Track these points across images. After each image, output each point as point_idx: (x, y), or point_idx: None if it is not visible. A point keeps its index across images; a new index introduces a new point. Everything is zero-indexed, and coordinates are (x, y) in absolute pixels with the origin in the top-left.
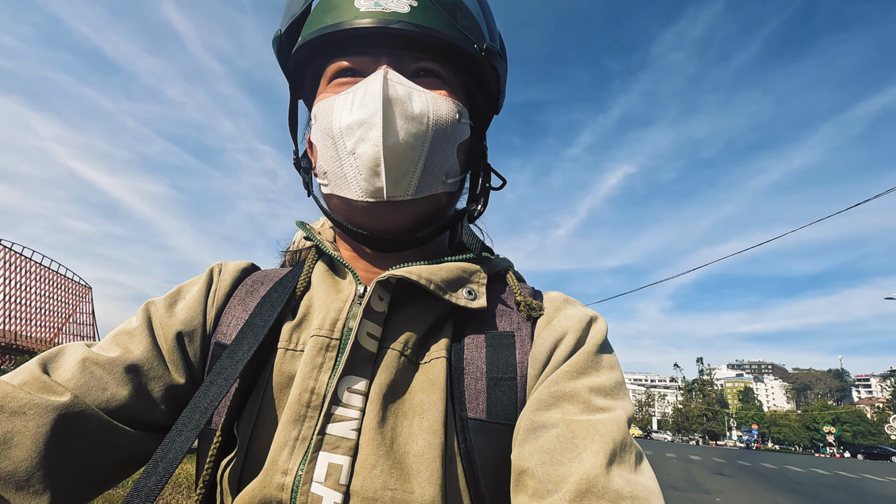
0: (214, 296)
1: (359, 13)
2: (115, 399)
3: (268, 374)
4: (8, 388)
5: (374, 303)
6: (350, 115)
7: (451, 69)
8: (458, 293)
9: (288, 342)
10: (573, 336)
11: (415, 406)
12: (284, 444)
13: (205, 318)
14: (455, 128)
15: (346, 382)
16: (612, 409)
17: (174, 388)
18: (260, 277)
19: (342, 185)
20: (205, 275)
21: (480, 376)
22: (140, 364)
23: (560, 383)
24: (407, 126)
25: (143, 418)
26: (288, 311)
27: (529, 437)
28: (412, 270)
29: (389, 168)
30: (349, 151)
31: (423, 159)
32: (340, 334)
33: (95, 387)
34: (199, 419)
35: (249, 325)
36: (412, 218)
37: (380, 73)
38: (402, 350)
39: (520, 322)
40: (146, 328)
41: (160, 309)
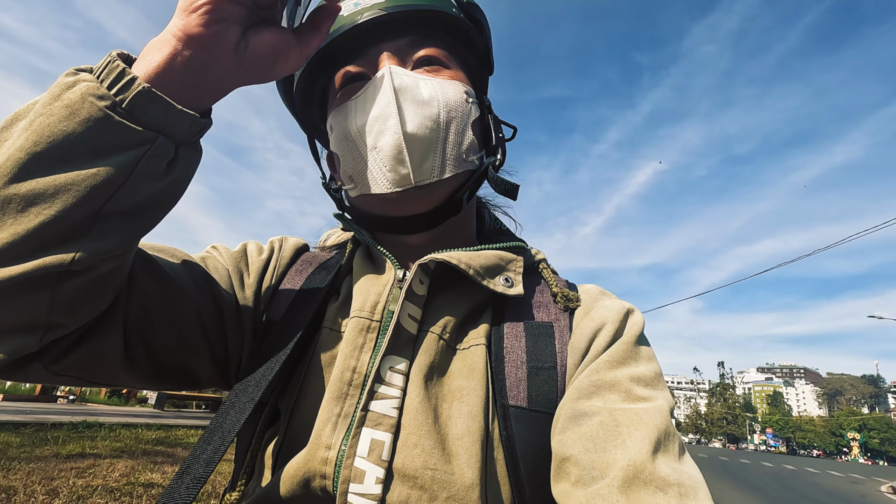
0: (274, 271)
1: (342, 19)
2: (223, 275)
3: (311, 352)
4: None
5: (415, 286)
6: (365, 114)
7: (444, 43)
8: (495, 280)
9: (333, 322)
10: (612, 327)
11: (454, 390)
12: (328, 421)
13: (259, 288)
14: (465, 107)
15: (388, 362)
16: (654, 399)
17: (199, 309)
18: (309, 258)
19: (369, 183)
20: (267, 246)
21: (521, 365)
22: (212, 280)
23: (601, 372)
24: (421, 111)
25: (179, 325)
26: (333, 293)
27: (571, 425)
28: (452, 255)
29: (412, 153)
30: (371, 147)
31: (442, 140)
32: (381, 316)
33: (213, 266)
34: (252, 392)
35: (300, 304)
36: (443, 197)
37: (384, 69)
38: (441, 334)
39: (557, 313)
40: (240, 256)
41: (253, 252)
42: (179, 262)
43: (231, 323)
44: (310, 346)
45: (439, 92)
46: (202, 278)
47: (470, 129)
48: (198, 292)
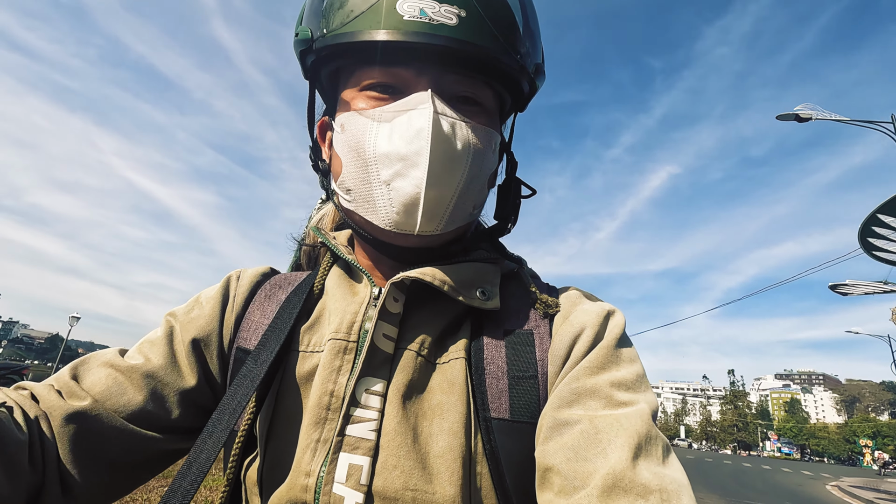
0: (233, 302)
1: (402, 22)
2: (132, 404)
3: (282, 375)
4: (42, 390)
5: (388, 304)
6: (389, 145)
7: (490, 85)
8: (471, 294)
9: (301, 344)
10: (591, 331)
11: (434, 406)
12: (307, 447)
13: (221, 325)
14: (489, 159)
15: (363, 384)
16: (635, 403)
17: (187, 392)
18: (278, 281)
19: (368, 210)
20: (222, 283)
21: (501, 376)
22: (156, 371)
23: (581, 379)
24: (449, 167)
25: (159, 422)
26: (304, 315)
27: (553, 435)
28: (426, 272)
29: (426, 210)
30: (383, 181)
31: (457, 198)
32: (357, 336)
33: (116, 392)
34: (227, 421)
35: (272, 329)
36: (438, 244)
37: (427, 105)
38: (419, 350)
39: (537, 320)
40: (166, 337)
41: (179, 318)
42: (143, 398)
43: (209, 383)
44: (280, 370)
45: (471, 142)
46: (170, 387)
47: (486, 184)
48: (175, 400)
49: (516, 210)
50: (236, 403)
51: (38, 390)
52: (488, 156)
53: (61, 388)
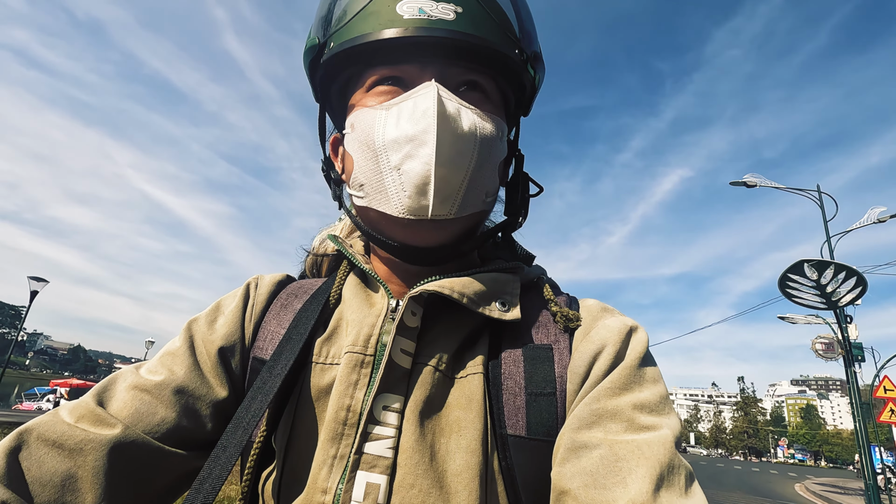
0: (252, 310)
1: (402, 21)
2: (165, 423)
3: (300, 387)
4: (65, 426)
5: (406, 318)
6: (397, 129)
7: (493, 78)
8: (491, 305)
9: (319, 356)
10: (612, 349)
11: (451, 423)
12: (324, 463)
13: (243, 333)
14: (497, 147)
15: (381, 400)
16: (658, 428)
17: (220, 403)
18: (294, 290)
19: (381, 200)
20: (242, 289)
21: (519, 391)
22: (185, 385)
23: (601, 400)
24: (457, 145)
25: (193, 437)
26: (320, 325)
27: (571, 457)
28: (444, 284)
29: (438, 187)
30: (393, 167)
31: (468, 179)
32: (374, 350)
33: (146, 413)
34: (241, 436)
35: (287, 339)
36: (453, 235)
37: (431, 87)
38: (437, 365)
39: (557, 334)
40: (188, 348)
41: (202, 327)
42: (173, 419)
43: (231, 390)
44: (298, 380)
45: (478, 127)
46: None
47: (496, 169)
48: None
49: (526, 204)
50: (251, 416)
51: (62, 428)
52: (496, 143)
53: (88, 416)
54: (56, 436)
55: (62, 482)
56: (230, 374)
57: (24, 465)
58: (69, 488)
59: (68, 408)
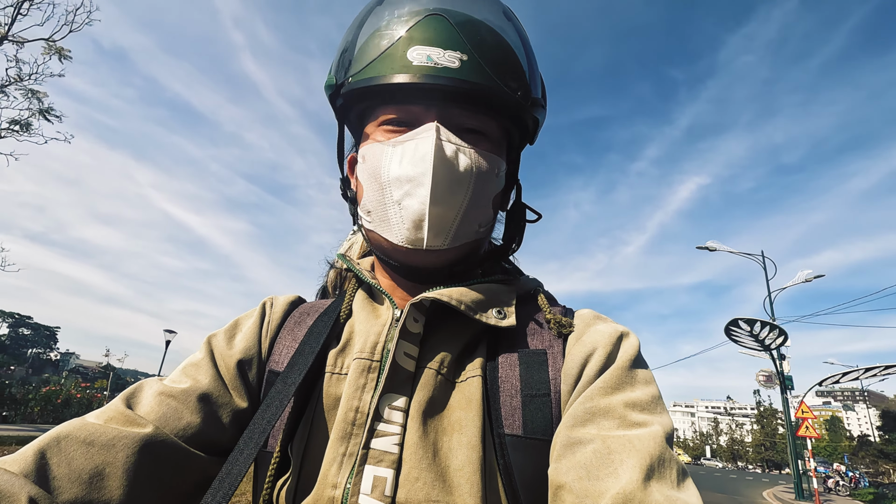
0: (268, 327)
1: (412, 67)
2: (191, 426)
3: (316, 397)
4: (96, 425)
5: (409, 324)
6: (399, 168)
7: (493, 118)
8: (488, 313)
9: (333, 366)
10: (603, 351)
11: (453, 422)
12: (333, 460)
13: (260, 347)
14: (493, 182)
15: (386, 400)
16: (649, 424)
17: (239, 412)
18: (306, 309)
19: (385, 228)
20: (258, 308)
21: (515, 393)
22: (209, 392)
23: (594, 399)
24: (451, 187)
25: (214, 442)
26: (333, 338)
27: (566, 453)
28: (444, 293)
29: (432, 224)
30: (395, 201)
31: (461, 215)
32: (380, 356)
33: (172, 416)
34: (256, 440)
35: (299, 352)
36: (447, 260)
37: (431, 132)
38: (439, 369)
39: (551, 340)
40: (210, 360)
41: (221, 341)
42: (196, 426)
43: (247, 399)
44: (314, 391)
45: (474, 165)
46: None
47: (490, 202)
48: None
49: (521, 232)
50: (265, 423)
51: (91, 427)
52: (492, 179)
53: (118, 417)
54: (86, 433)
55: (90, 478)
56: (248, 386)
57: (53, 461)
58: (96, 485)
59: (96, 413)
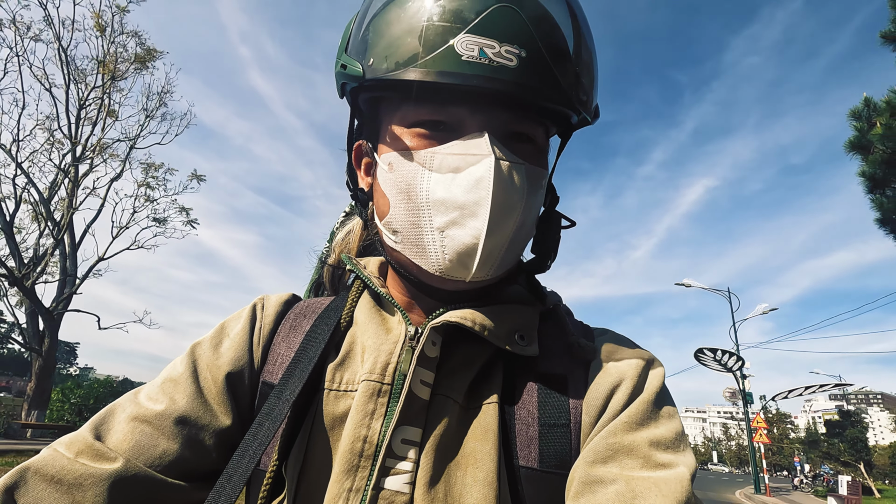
0: (260, 333)
1: (461, 63)
2: (167, 455)
3: (313, 414)
4: (64, 460)
5: (427, 349)
6: (446, 192)
7: (542, 125)
8: (511, 339)
9: (332, 381)
10: (630, 382)
11: (468, 455)
12: (338, 496)
13: (251, 356)
14: (539, 198)
15: (399, 433)
16: (675, 465)
17: (225, 431)
18: (302, 310)
19: (418, 254)
20: (247, 310)
21: (532, 422)
22: (187, 414)
23: (618, 435)
24: (505, 216)
25: (197, 468)
26: (331, 348)
27: (585, 491)
28: (466, 315)
29: (482, 259)
30: (436, 227)
31: (509, 243)
32: (392, 378)
33: (147, 445)
34: (247, 465)
35: (295, 362)
36: (482, 285)
37: (488, 153)
38: (455, 397)
39: (572, 365)
40: (191, 374)
41: (206, 351)
42: (176, 451)
43: (238, 415)
44: (310, 408)
45: (526, 187)
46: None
47: (535, 223)
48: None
49: (556, 245)
50: (258, 444)
51: (60, 464)
52: (539, 194)
53: (87, 451)
54: (55, 471)
55: None
56: (237, 400)
57: (21, 502)
58: None
59: (65, 442)
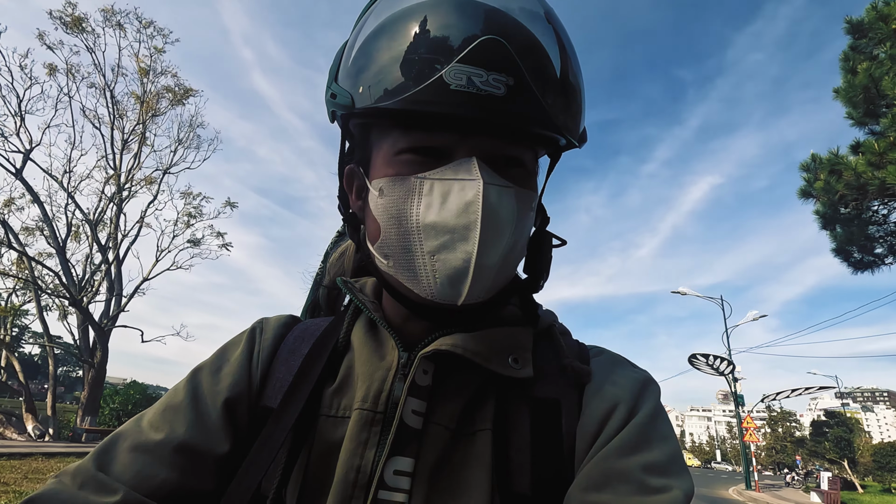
0: (258, 357)
1: (449, 92)
2: (167, 484)
3: (310, 441)
4: (69, 493)
5: (418, 377)
6: (436, 215)
7: (531, 149)
8: (503, 362)
9: (329, 408)
10: (624, 407)
11: (461, 483)
12: None
13: (250, 381)
14: (530, 220)
15: (392, 464)
16: (669, 489)
17: (224, 457)
18: (301, 333)
19: (408, 278)
20: (246, 334)
21: (525, 448)
22: (186, 442)
23: (610, 460)
24: (494, 238)
25: (196, 495)
26: (328, 373)
27: None
28: (457, 342)
29: (474, 283)
30: (427, 252)
31: (500, 265)
32: (384, 407)
33: (147, 476)
34: (245, 491)
35: (293, 388)
36: (474, 308)
37: (476, 177)
38: (448, 425)
39: (566, 388)
40: (191, 401)
41: (206, 376)
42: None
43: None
44: (308, 433)
45: (515, 209)
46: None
47: (525, 245)
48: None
49: (548, 265)
50: (255, 470)
51: (65, 497)
52: (529, 216)
53: (90, 483)
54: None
55: None
56: (236, 425)
57: None
58: None
59: (71, 473)
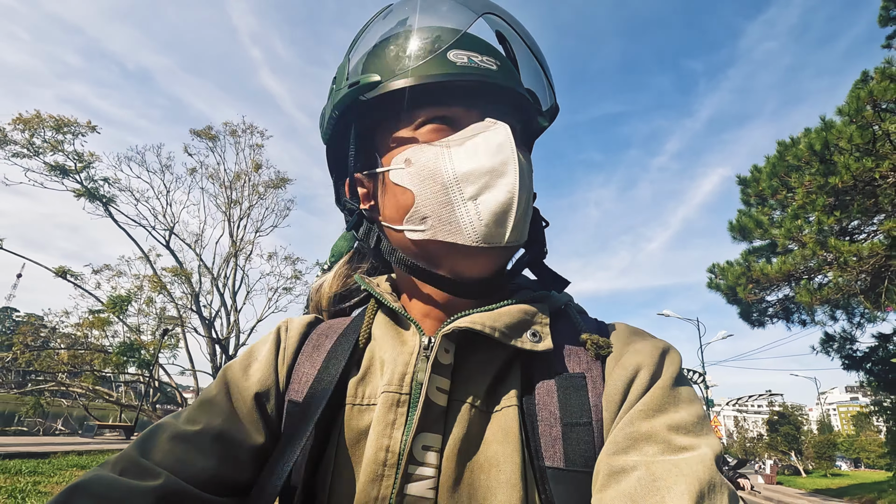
0: (284, 354)
1: (457, 67)
2: (206, 470)
3: (338, 430)
4: (110, 479)
5: (440, 356)
6: (472, 162)
7: (520, 125)
8: (522, 337)
9: (354, 397)
10: (646, 372)
11: (490, 458)
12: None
13: (277, 377)
14: (532, 185)
15: (420, 440)
16: (696, 447)
17: (258, 448)
18: (324, 330)
19: (450, 231)
20: (273, 334)
21: (555, 422)
22: (223, 432)
23: (636, 423)
24: (524, 179)
25: (231, 484)
26: (352, 365)
27: (609, 483)
28: (475, 319)
29: (518, 216)
30: (468, 197)
31: (527, 210)
32: (410, 388)
33: (187, 462)
34: (275, 480)
35: (318, 381)
36: (503, 264)
37: (499, 123)
38: (473, 402)
39: (588, 362)
40: (225, 395)
41: (236, 373)
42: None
43: (267, 433)
44: (335, 424)
45: (528, 163)
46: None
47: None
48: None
49: (543, 236)
50: (285, 461)
51: (107, 482)
52: (532, 181)
53: (131, 469)
54: (102, 489)
55: None
56: (266, 419)
57: None
58: None
59: (113, 461)
